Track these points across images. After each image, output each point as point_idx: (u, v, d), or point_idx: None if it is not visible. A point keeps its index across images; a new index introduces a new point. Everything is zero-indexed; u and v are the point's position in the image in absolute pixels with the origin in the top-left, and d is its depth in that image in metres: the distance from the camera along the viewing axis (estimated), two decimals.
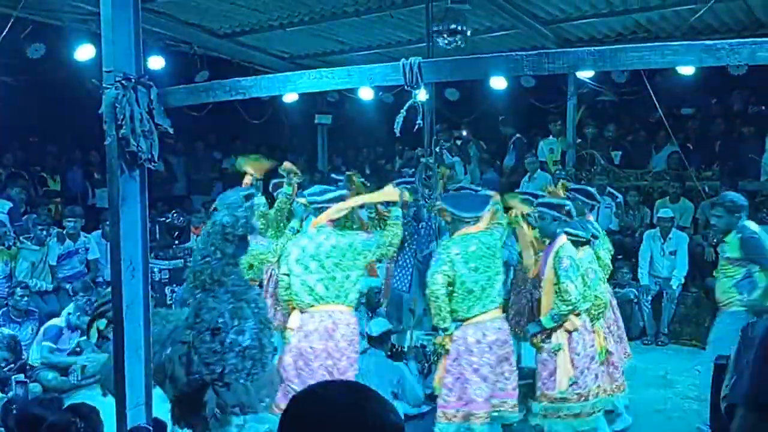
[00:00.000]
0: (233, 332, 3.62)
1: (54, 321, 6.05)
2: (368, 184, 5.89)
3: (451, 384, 4.23)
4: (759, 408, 1.35)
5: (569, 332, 4.25)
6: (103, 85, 3.57)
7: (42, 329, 6.04)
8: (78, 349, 6.17)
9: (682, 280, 7.15)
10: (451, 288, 4.19)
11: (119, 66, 3.58)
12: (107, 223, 7.36)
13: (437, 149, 8.05)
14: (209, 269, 3.68)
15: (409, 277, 5.66)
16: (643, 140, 9.53)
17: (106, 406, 3.83)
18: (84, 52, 6.79)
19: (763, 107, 9.47)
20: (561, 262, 4.18)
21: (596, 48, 2.98)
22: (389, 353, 5.23)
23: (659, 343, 7.07)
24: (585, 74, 8.15)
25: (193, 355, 3.64)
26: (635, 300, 7.16)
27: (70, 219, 7.29)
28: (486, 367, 4.17)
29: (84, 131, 8.65)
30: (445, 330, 4.22)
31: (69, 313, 6.09)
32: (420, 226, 5.30)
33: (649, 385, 5.76)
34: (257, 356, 3.73)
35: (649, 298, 7.19)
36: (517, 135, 9.70)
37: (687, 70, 7.20)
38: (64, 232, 7.30)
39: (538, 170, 8.65)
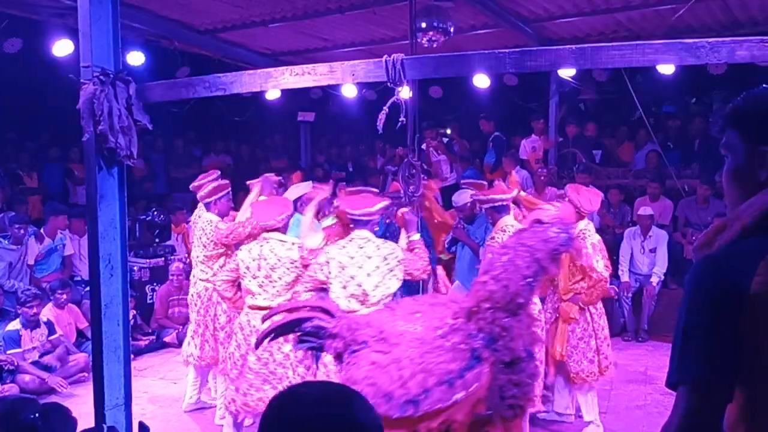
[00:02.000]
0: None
1: (10, 326, 5.90)
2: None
3: None
4: (671, 387, 1.40)
5: None
6: (81, 80, 3.52)
7: (1, 336, 5.88)
8: (52, 348, 6.09)
9: (662, 277, 7.23)
10: None
11: (97, 61, 3.53)
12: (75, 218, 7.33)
13: (422, 147, 8.08)
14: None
15: None
16: (624, 139, 9.61)
17: (84, 406, 3.79)
18: (62, 47, 6.68)
19: None
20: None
21: (577, 46, 2.99)
22: None
23: (639, 339, 7.14)
24: (567, 73, 8.19)
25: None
26: (616, 297, 7.23)
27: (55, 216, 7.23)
28: None
29: (62, 128, 8.53)
30: None
31: (20, 313, 5.97)
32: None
33: (629, 381, 5.81)
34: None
35: (630, 294, 7.27)
36: (496, 133, 9.73)
37: (667, 69, 7.27)
38: (42, 230, 7.20)
39: (517, 167, 8.68)
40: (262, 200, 4.93)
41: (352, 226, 4.12)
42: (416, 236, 4.23)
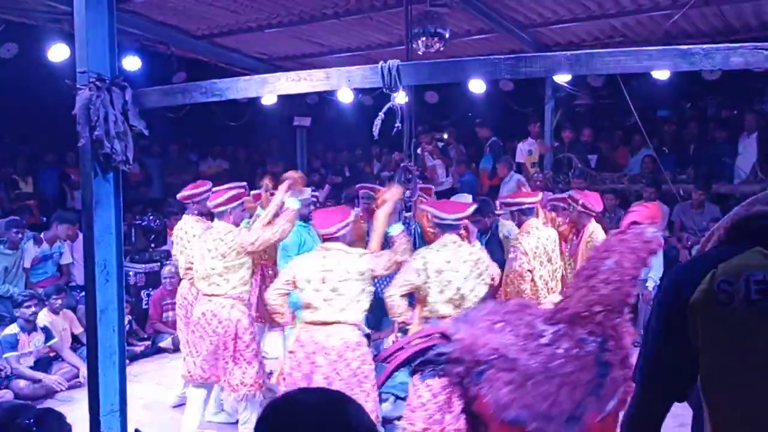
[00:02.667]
0: None
1: (8, 330, 5.86)
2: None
3: None
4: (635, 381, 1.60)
5: None
6: (77, 85, 3.52)
7: None
8: (52, 354, 6.08)
9: (658, 282, 7.23)
10: None
11: (93, 66, 3.54)
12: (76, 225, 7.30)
13: (418, 151, 8.10)
14: None
15: (390, 281, 5.67)
16: (619, 144, 9.64)
17: (79, 412, 3.77)
18: (58, 53, 6.68)
19: (736, 111, 9.64)
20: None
21: (572, 52, 3.00)
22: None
23: (635, 344, 7.14)
24: (562, 78, 8.22)
25: None
26: None
27: (64, 224, 7.22)
28: None
29: (58, 133, 8.52)
30: None
31: (18, 317, 5.95)
32: None
33: None
34: None
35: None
36: (493, 138, 9.76)
37: (662, 75, 7.30)
38: (41, 234, 7.18)
39: (512, 172, 8.70)
40: (323, 209, 4.77)
41: (434, 231, 4.15)
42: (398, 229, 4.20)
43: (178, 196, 5.31)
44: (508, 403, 2.55)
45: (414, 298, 4.05)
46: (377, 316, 5.51)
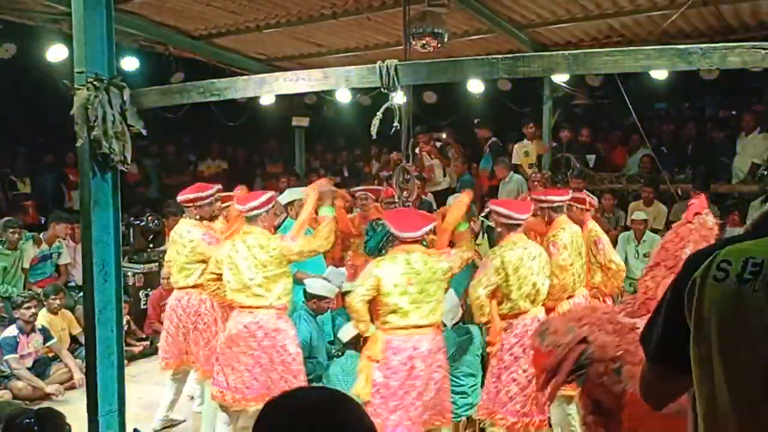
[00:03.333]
0: None
1: (7, 332, 5.86)
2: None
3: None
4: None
5: None
6: (75, 85, 3.52)
7: None
8: (51, 354, 6.07)
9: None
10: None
11: (91, 67, 3.54)
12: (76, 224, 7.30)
13: (416, 151, 8.11)
14: None
15: None
16: (618, 143, 9.65)
17: (77, 412, 3.77)
18: (56, 53, 6.67)
19: (734, 111, 9.65)
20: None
21: (570, 52, 3.01)
22: None
23: None
24: (560, 78, 8.22)
25: None
26: (609, 301, 7.24)
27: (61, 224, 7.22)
28: None
29: (57, 133, 8.51)
30: None
31: (18, 318, 5.94)
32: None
33: None
34: None
35: (623, 299, 7.28)
36: (493, 138, 9.76)
37: (660, 74, 7.31)
38: (41, 235, 7.18)
39: (511, 173, 8.70)
40: (398, 210, 4.61)
41: (499, 230, 4.27)
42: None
43: (180, 198, 5.10)
44: None
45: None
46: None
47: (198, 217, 5.02)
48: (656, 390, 1.66)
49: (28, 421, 2.66)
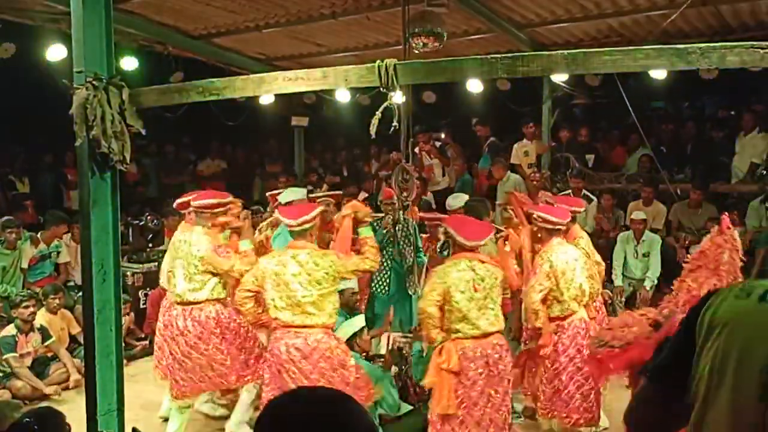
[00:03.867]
0: None
1: (6, 331, 5.85)
2: None
3: None
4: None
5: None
6: (74, 85, 3.51)
7: None
8: (50, 353, 6.07)
9: (656, 282, 7.24)
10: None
11: (90, 66, 3.54)
12: (76, 224, 7.28)
13: (416, 151, 8.11)
14: None
15: (387, 280, 5.69)
16: (617, 143, 9.65)
17: (76, 412, 3.77)
18: (55, 52, 6.67)
19: (733, 111, 9.66)
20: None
21: (569, 51, 3.00)
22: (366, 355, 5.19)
23: None
24: (559, 78, 8.22)
25: None
26: (609, 301, 7.24)
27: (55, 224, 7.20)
28: None
29: (56, 132, 8.50)
30: None
31: (16, 317, 5.94)
32: (396, 228, 5.31)
33: (623, 386, 5.80)
34: None
35: (623, 299, 7.28)
36: (492, 138, 9.76)
37: (659, 74, 7.31)
38: (39, 234, 7.18)
39: (509, 173, 8.70)
40: (459, 218, 4.68)
41: (541, 235, 4.37)
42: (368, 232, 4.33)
43: (197, 204, 4.64)
44: None
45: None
46: (370, 314, 5.53)
47: (210, 225, 4.63)
48: (638, 411, 1.74)
49: (28, 420, 2.67)
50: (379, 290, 5.74)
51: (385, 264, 5.47)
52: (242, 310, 4.25)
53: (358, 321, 4.89)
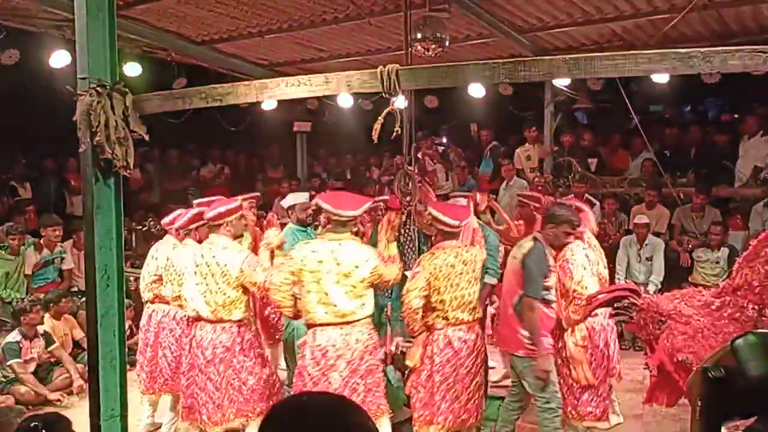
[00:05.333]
0: None
1: (10, 337, 5.87)
2: None
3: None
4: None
5: None
6: (78, 91, 3.53)
7: (1, 348, 5.84)
8: (53, 359, 6.08)
9: (659, 286, 7.22)
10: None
11: (94, 73, 3.55)
12: (80, 232, 7.28)
13: (418, 156, 8.11)
14: None
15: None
16: (619, 147, 9.65)
17: (79, 417, 3.77)
18: (59, 59, 6.71)
19: (736, 115, 9.64)
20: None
21: (571, 56, 3.01)
22: None
23: (636, 348, 7.13)
24: (561, 82, 8.23)
25: None
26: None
27: (50, 227, 7.18)
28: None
29: (60, 139, 8.52)
30: None
31: (22, 322, 5.95)
32: (399, 233, 5.31)
33: (627, 390, 5.80)
34: None
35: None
36: (494, 142, 9.77)
37: (661, 78, 7.31)
38: (41, 240, 7.19)
39: (514, 177, 8.70)
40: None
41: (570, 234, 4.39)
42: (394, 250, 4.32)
43: (210, 215, 4.35)
44: (681, 347, 3.49)
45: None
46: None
47: (230, 233, 4.35)
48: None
49: (35, 424, 2.67)
50: (380, 293, 5.74)
51: None
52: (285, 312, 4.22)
53: None
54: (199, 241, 4.67)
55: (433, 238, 4.45)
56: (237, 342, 4.25)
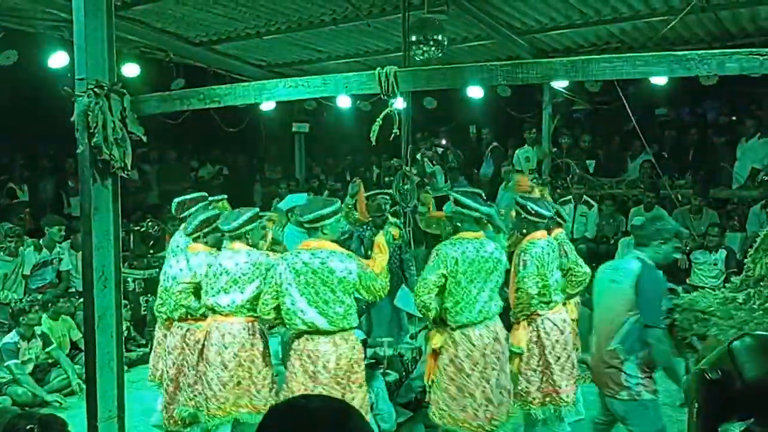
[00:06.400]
0: None
1: (7, 338, 5.84)
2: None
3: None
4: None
5: None
6: (76, 92, 3.53)
7: None
8: (51, 360, 6.07)
9: None
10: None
11: (92, 74, 3.55)
12: (78, 233, 7.26)
13: (418, 157, 8.12)
14: None
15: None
16: (618, 149, 9.66)
17: (77, 418, 3.76)
18: (57, 60, 6.69)
19: (734, 117, 9.66)
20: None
21: (569, 58, 3.02)
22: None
23: None
24: (560, 84, 8.24)
25: None
26: None
27: (55, 226, 7.17)
28: None
29: (57, 139, 8.53)
30: None
31: (23, 324, 5.93)
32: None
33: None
34: None
35: None
36: (494, 144, 9.78)
37: (660, 80, 7.32)
38: (41, 241, 7.18)
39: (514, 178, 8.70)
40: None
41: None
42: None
43: (232, 227, 4.10)
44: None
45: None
46: (369, 321, 5.52)
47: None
48: None
49: (31, 426, 2.66)
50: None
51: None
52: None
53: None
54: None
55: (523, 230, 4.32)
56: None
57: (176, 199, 5.06)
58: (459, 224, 3.99)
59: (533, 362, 4.14)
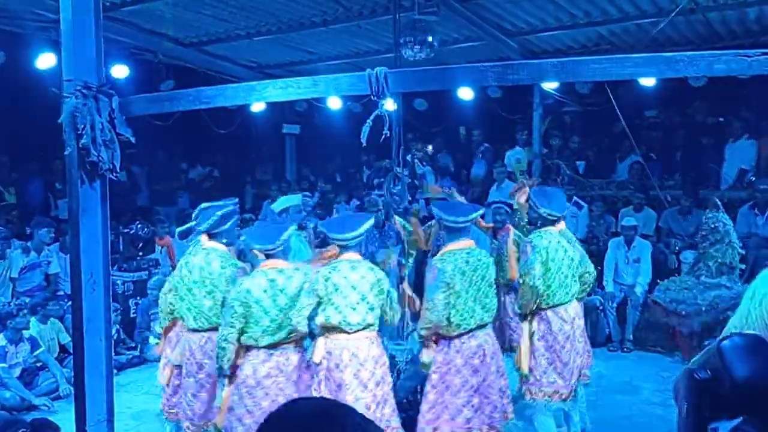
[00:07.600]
0: None
1: None
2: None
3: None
4: None
5: None
6: (63, 93, 3.50)
7: None
8: (39, 363, 6.02)
9: (646, 287, 7.27)
10: None
11: (80, 75, 3.51)
12: (67, 235, 7.20)
13: (408, 158, 8.11)
14: None
15: None
16: (607, 150, 9.70)
17: (65, 422, 3.73)
18: (45, 60, 6.65)
19: (722, 119, 9.73)
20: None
21: (558, 60, 3.02)
22: None
23: (624, 349, 7.17)
24: (550, 85, 8.27)
25: None
26: (600, 307, 7.26)
27: (43, 228, 7.11)
28: None
29: (45, 141, 8.45)
30: None
31: (11, 327, 5.88)
32: (380, 231, 5.34)
33: (614, 392, 5.83)
34: None
35: (614, 305, 7.30)
36: (486, 145, 9.79)
37: (649, 82, 7.36)
38: (29, 243, 7.12)
39: (506, 179, 8.73)
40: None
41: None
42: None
43: (265, 248, 4.05)
44: None
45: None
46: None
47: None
48: None
49: (23, 430, 2.64)
50: None
51: None
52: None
53: None
54: None
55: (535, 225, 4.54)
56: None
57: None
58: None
59: (543, 359, 4.30)
